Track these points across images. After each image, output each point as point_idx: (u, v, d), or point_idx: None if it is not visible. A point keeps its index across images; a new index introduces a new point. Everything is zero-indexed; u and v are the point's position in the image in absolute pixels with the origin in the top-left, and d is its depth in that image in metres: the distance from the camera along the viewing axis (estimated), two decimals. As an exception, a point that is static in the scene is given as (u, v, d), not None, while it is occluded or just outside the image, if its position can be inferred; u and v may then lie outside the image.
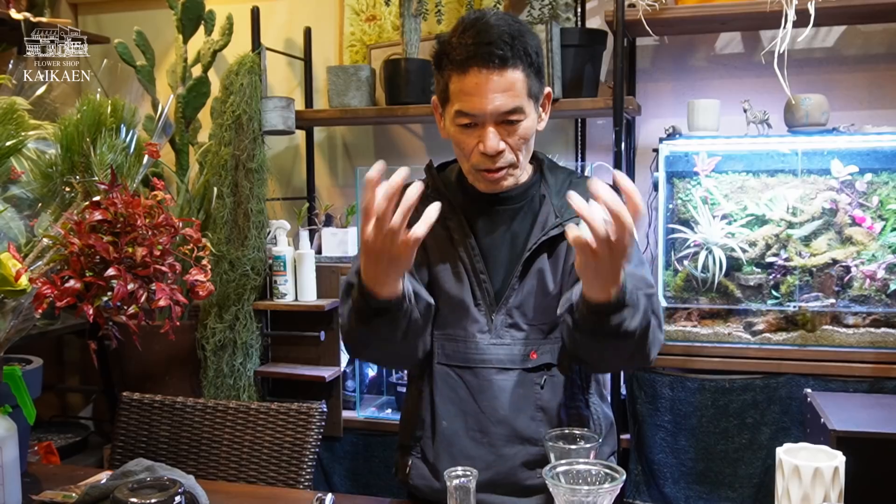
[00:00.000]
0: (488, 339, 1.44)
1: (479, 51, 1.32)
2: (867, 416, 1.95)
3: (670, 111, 2.60)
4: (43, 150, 1.38)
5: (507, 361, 1.43)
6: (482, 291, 1.45)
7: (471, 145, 1.37)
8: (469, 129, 1.36)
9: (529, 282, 1.44)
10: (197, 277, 1.25)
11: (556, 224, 1.42)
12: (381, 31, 2.84)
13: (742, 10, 2.26)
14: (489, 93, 1.32)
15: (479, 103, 1.32)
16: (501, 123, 1.35)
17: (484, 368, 1.44)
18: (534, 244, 1.43)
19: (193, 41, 2.79)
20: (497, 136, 1.35)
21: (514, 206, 1.49)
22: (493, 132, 1.35)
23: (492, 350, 1.44)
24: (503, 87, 1.33)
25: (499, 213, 1.48)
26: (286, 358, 2.68)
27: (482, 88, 1.32)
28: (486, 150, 1.35)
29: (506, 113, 1.34)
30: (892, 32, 2.46)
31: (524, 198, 1.49)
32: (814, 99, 2.27)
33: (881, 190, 2.29)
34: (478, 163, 1.38)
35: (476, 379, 1.45)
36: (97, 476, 1.49)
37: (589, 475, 1.04)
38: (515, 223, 1.48)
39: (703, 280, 2.38)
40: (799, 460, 1.09)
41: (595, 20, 2.63)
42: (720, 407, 2.30)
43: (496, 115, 1.33)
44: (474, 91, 1.32)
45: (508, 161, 1.38)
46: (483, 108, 1.32)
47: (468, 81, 1.33)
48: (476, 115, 1.34)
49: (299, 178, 3.01)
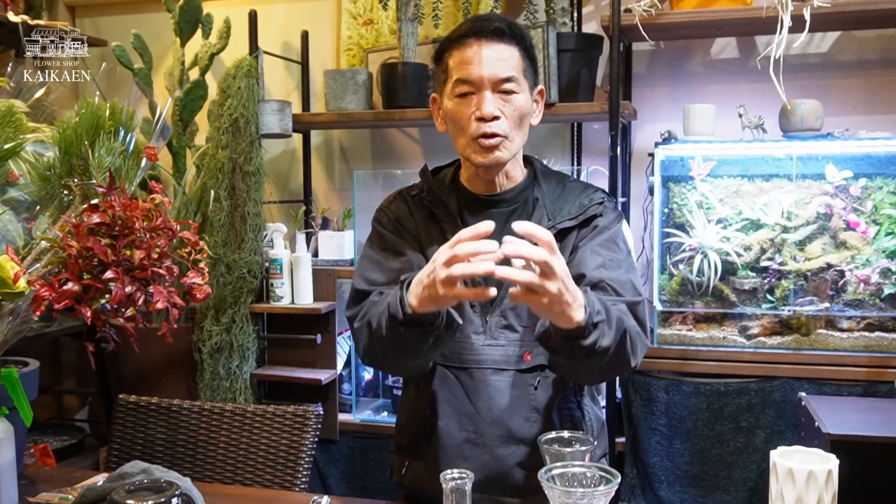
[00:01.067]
0: (483, 339, 1.45)
1: (477, 25, 1.42)
2: (861, 419, 1.96)
3: (666, 116, 2.61)
4: (41, 153, 1.39)
5: (501, 362, 1.45)
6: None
7: (467, 114, 1.41)
8: (467, 99, 1.42)
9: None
10: (194, 280, 1.25)
11: (549, 227, 1.43)
12: (379, 34, 2.85)
13: (738, 16, 2.27)
14: (485, 60, 1.40)
15: (476, 69, 1.40)
16: (498, 94, 1.41)
17: (479, 369, 1.46)
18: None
19: (191, 44, 2.79)
20: (493, 101, 1.40)
21: (508, 207, 1.50)
22: (489, 96, 1.40)
23: (486, 351, 1.45)
24: (499, 57, 1.41)
25: (493, 216, 1.49)
26: (282, 361, 2.69)
27: (479, 56, 1.40)
28: (483, 113, 1.39)
29: (501, 80, 1.40)
30: (886, 38, 2.48)
31: (518, 200, 1.51)
32: (808, 104, 2.28)
33: (875, 195, 2.30)
34: (474, 130, 1.41)
35: (471, 379, 1.46)
36: (93, 478, 1.49)
37: (584, 478, 1.05)
38: (510, 225, 1.49)
39: (698, 284, 2.39)
40: (793, 463, 1.10)
41: (591, 25, 2.64)
42: (715, 410, 2.31)
43: (493, 80, 1.40)
44: (472, 59, 1.40)
45: (503, 129, 1.41)
46: (480, 73, 1.39)
47: (466, 52, 1.41)
48: (473, 80, 1.40)
49: (296, 181, 3.02)
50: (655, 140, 2.42)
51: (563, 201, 1.49)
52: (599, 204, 1.48)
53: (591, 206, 1.47)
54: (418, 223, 1.52)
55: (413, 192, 1.56)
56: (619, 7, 2.26)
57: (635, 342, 1.33)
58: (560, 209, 1.48)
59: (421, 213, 1.53)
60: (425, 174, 1.56)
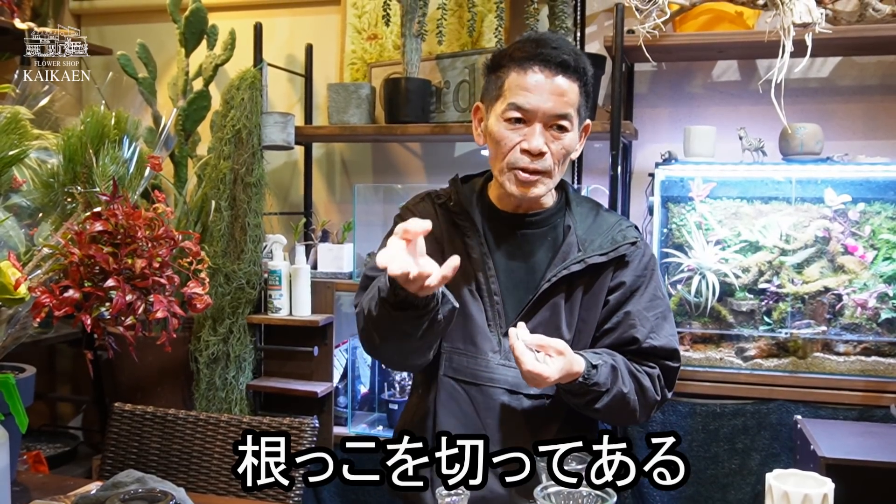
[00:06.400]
0: (498, 359, 1.44)
1: (543, 51, 1.36)
2: (857, 443, 1.96)
3: (667, 136, 2.62)
4: (45, 160, 1.39)
5: (513, 384, 1.44)
6: (494, 313, 1.45)
7: (513, 142, 1.38)
8: (516, 126, 1.38)
9: (542, 313, 1.44)
10: (195, 290, 1.25)
11: (579, 260, 1.42)
12: (383, 49, 2.87)
13: (740, 39, 2.29)
14: (546, 92, 1.35)
15: (535, 100, 1.35)
16: (549, 128, 1.37)
17: (491, 387, 1.44)
18: (553, 276, 1.42)
19: (195, 55, 2.81)
20: (543, 136, 1.37)
21: (536, 230, 1.48)
22: (540, 131, 1.36)
23: (500, 371, 1.44)
24: (560, 92, 1.36)
25: (518, 238, 1.47)
26: (279, 372, 2.68)
27: (540, 86, 1.35)
28: (530, 147, 1.36)
29: (557, 116, 1.36)
30: (886, 65, 2.50)
31: (546, 223, 1.48)
32: (809, 128, 2.29)
33: (873, 220, 2.31)
34: (516, 160, 1.38)
35: (482, 396, 1.45)
36: (87, 486, 1.48)
37: (580, 497, 1.05)
38: (535, 250, 1.47)
39: (695, 304, 2.39)
40: (789, 486, 1.10)
41: (594, 45, 2.66)
42: (710, 431, 2.31)
43: (548, 115, 1.36)
44: (532, 88, 1.35)
45: (546, 167, 1.38)
46: (538, 105, 1.35)
47: (528, 78, 1.36)
48: (529, 110, 1.36)
49: (297, 193, 3.02)
50: (656, 160, 2.43)
51: (595, 232, 1.46)
52: (632, 244, 1.45)
53: (624, 244, 1.44)
54: (443, 229, 1.49)
55: (441, 200, 1.52)
56: (623, 28, 2.27)
57: (638, 405, 1.42)
58: (592, 241, 1.45)
59: (446, 221, 1.50)
60: (456, 183, 1.53)
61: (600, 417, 1.49)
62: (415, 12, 2.51)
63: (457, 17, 2.73)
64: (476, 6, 2.53)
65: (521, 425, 1.44)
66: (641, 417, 1.43)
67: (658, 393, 1.44)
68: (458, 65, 2.58)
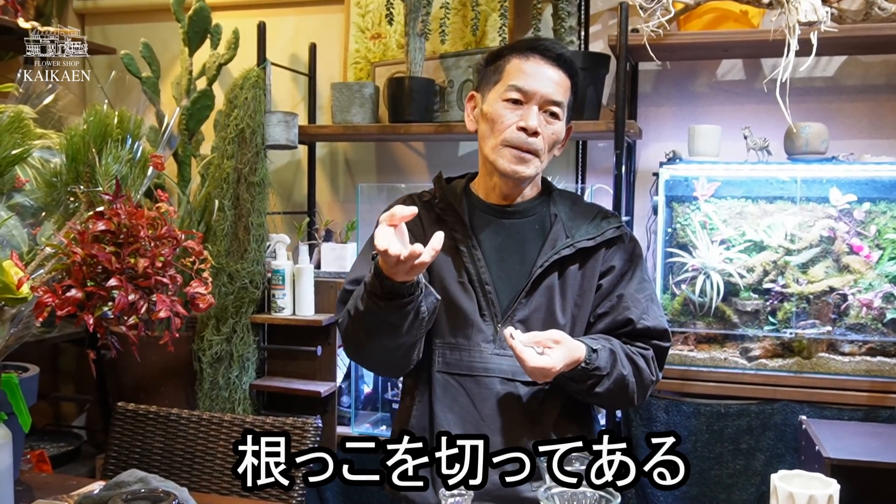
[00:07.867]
0: (492, 349, 1.46)
1: (544, 43, 1.50)
2: (862, 444, 1.95)
3: (671, 136, 2.62)
4: (47, 159, 1.39)
5: (509, 373, 1.46)
6: (487, 302, 1.47)
7: (511, 120, 1.45)
8: (513, 106, 1.46)
9: (537, 299, 1.47)
10: (197, 290, 1.25)
11: (568, 245, 1.48)
12: (386, 49, 2.86)
13: (745, 38, 2.28)
14: (545, 78, 1.46)
15: (534, 83, 1.45)
16: (543, 112, 1.46)
17: (487, 377, 1.46)
18: (545, 261, 1.47)
19: (199, 54, 2.81)
20: (538, 117, 1.45)
21: (520, 220, 1.52)
22: (536, 112, 1.45)
23: (495, 360, 1.46)
24: (556, 80, 1.47)
25: (504, 226, 1.52)
26: (282, 372, 2.68)
27: (539, 71, 1.46)
28: (527, 124, 1.44)
29: (552, 102, 1.46)
30: (891, 63, 2.49)
31: (532, 212, 1.54)
32: (814, 127, 2.29)
33: (879, 219, 2.30)
34: (512, 137, 1.45)
35: (478, 387, 1.46)
36: (90, 486, 1.48)
37: (584, 497, 1.04)
38: (524, 238, 1.52)
39: (700, 305, 2.39)
40: (794, 487, 1.09)
41: (598, 44, 2.65)
42: (715, 432, 2.30)
43: (544, 98, 1.45)
44: (533, 72, 1.46)
45: (538, 147, 1.46)
46: (536, 88, 1.45)
47: (529, 64, 1.47)
48: (528, 91, 1.45)
49: (300, 192, 3.02)
50: (660, 160, 2.42)
51: (579, 219, 1.53)
52: (617, 228, 1.53)
53: (609, 228, 1.52)
54: (426, 227, 1.52)
55: (425, 198, 1.58)
56: (627, 27, 2.27)
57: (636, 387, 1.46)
58: (577, 227, 1.52)
59: (430, 218, 1.54)
60: (439, 181, 1.58)
61: (600, 402, 1.55)
62: (418, 11, 2.50)
63: (460, 16, 2.73)
64: (480, 5, 2.52)
65: (519, 413, 1.46)
66: (639, 399, 1.49)
67: (653, 374, 1.51)
68: (462, 64, 2.57)
